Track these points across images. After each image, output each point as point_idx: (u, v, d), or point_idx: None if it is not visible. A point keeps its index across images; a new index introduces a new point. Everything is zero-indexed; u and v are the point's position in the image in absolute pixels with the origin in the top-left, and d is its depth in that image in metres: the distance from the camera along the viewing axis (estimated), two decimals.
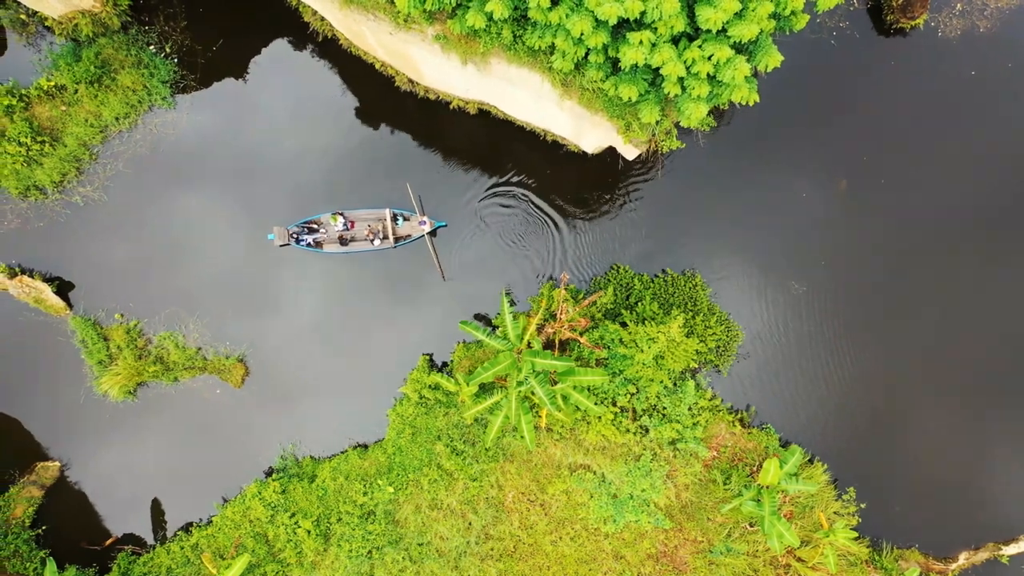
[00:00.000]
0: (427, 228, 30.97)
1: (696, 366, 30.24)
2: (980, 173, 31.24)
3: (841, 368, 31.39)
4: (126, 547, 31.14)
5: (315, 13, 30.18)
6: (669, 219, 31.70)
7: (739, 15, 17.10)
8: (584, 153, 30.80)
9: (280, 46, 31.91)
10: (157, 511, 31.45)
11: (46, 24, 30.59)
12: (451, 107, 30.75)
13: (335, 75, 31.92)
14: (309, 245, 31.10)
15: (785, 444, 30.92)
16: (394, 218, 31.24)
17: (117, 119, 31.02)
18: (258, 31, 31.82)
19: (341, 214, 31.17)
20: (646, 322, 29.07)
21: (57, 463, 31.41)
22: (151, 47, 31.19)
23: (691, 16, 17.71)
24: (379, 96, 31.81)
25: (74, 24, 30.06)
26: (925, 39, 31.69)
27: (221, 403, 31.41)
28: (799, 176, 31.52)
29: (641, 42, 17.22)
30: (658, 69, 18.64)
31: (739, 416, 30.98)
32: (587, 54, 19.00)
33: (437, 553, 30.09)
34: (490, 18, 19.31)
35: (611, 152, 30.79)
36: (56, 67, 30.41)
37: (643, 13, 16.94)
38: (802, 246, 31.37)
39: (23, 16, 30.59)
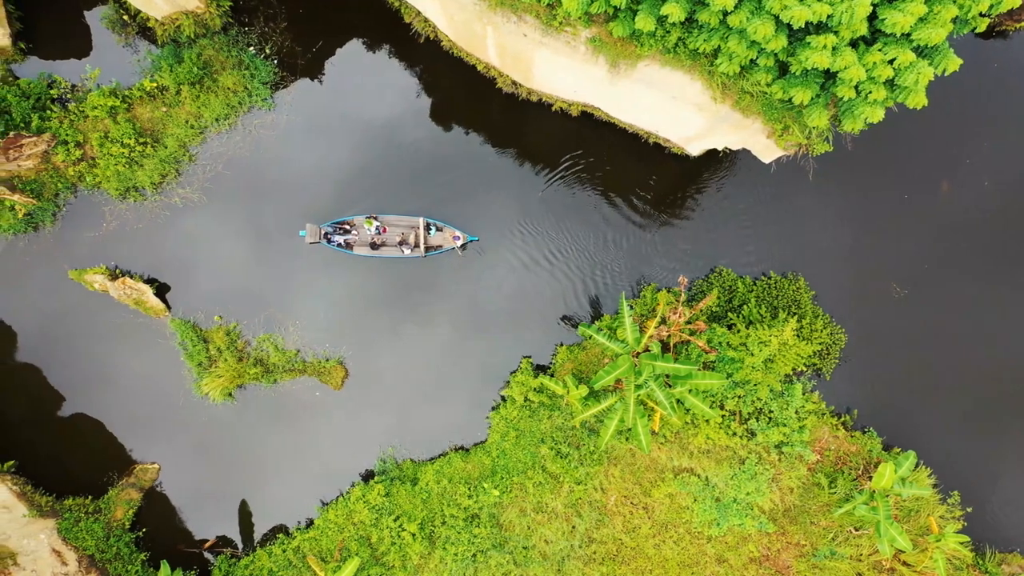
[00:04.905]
0: (460, 242, 30.67)
1: (803, 369, 30.12)
2: None
3: (941, 370, 31.25)
4: (224, 549, 31.08)
5: (418, 14, 30.00)
6: (768, 221, 31.50)
7: (923, 19, 17.01)
8: (686, 156, 30.68)
9: (380, 47, 31.72)
10: (255, 514, 31.37)
11: (148, 25, 30.48)
12: (553, 109, 30.57)
13: (434, 76, 31.72)
14: (340, 246, 30.81)
15: (887, 447, 30.80)
16: (427, 227, 30.84)
17: (217, 120, 30.89)
18: (358, 32, 31.63)
19: (375, 218, 30.82)
20: (753, 325, 28.96)
21: (156, 465, 31.34)
22: (251, 48, 31.03)
23: (869, 19, 17.62)
24: (477, 97, 31.59)
25: (176, 25, 29.91)
26: None
27: (320, 405, 31.30)
28: (900, 178, 31.36)
29: (824, 46, 17.14)
30: (831, 73, 18.56)
31: (842, 420, 30.86)
32: (756, 57, 18.93)
33: (541, 556, 29.98)
34: (658, 21, 19.25)
35: (711, 155, 30.68)
36: (158, 68, 30.28)
37: (829, 16, 16.87)
38: (904, 248, 31.21)
39: (125, 17, 30.46)
